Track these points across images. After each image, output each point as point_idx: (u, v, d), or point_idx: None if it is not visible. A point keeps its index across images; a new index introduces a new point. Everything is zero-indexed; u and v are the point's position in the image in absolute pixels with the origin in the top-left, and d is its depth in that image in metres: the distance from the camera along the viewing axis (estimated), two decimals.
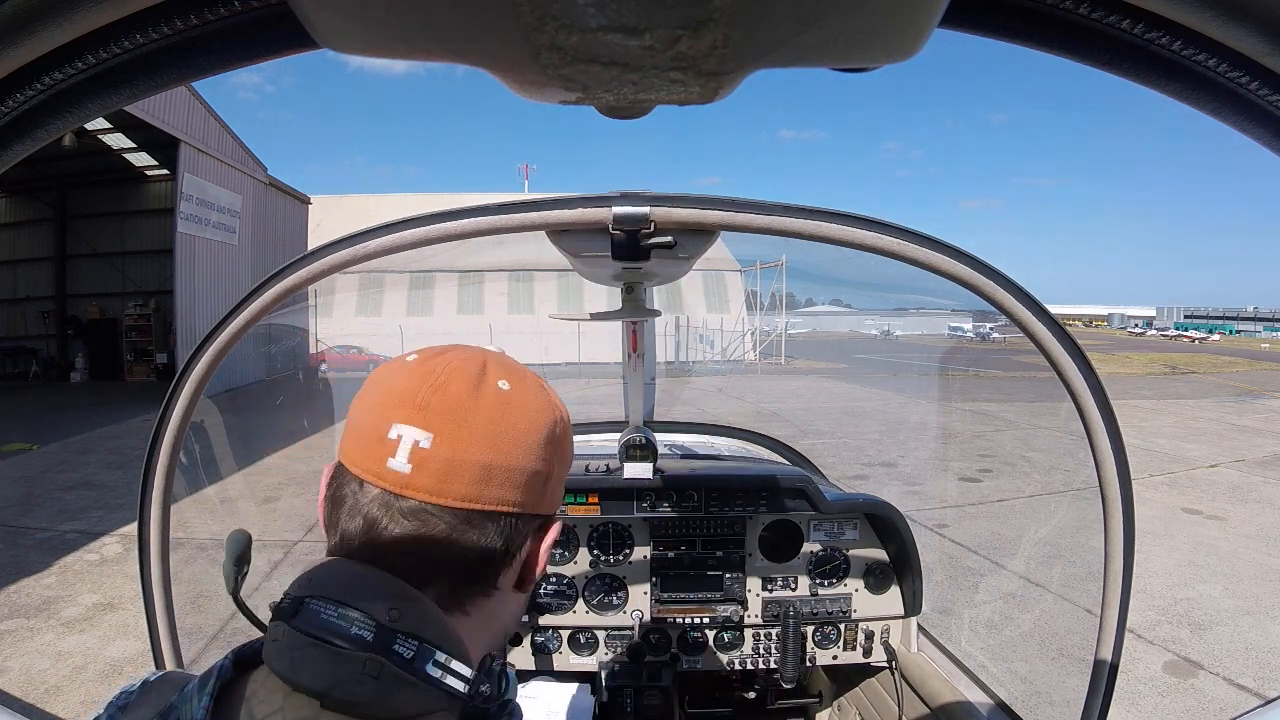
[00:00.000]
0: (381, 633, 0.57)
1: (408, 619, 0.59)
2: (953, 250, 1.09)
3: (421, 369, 0.66)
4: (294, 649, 0.57)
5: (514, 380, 0.68)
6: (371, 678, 0.56)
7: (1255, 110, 0.43)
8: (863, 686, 2.31)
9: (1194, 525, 7.52)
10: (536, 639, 2.12)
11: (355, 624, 0.58)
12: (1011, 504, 8.25)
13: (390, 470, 0.62)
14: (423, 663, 0.58)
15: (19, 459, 10.64)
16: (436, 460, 0.62)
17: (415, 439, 0.62)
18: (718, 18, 0.30)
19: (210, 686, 0.59)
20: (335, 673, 0.56)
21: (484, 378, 0.66)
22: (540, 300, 30.05)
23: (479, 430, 0.63)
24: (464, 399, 0.64)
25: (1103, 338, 68.45)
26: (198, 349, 1.26)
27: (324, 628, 0.57)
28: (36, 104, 0.42)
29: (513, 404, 0.66)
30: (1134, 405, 16.48)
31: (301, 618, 0.58)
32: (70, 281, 23.42)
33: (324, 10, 0.33)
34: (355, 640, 0.57)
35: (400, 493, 0.62)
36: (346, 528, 0.64)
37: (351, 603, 0.58)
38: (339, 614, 0.58)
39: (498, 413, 0.64)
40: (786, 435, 3.33)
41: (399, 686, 0.57)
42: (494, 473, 0.63)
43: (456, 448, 0.62)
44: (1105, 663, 1.27)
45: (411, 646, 0.58)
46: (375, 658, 0.56)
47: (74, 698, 4.14)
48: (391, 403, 0.64)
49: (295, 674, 0.57)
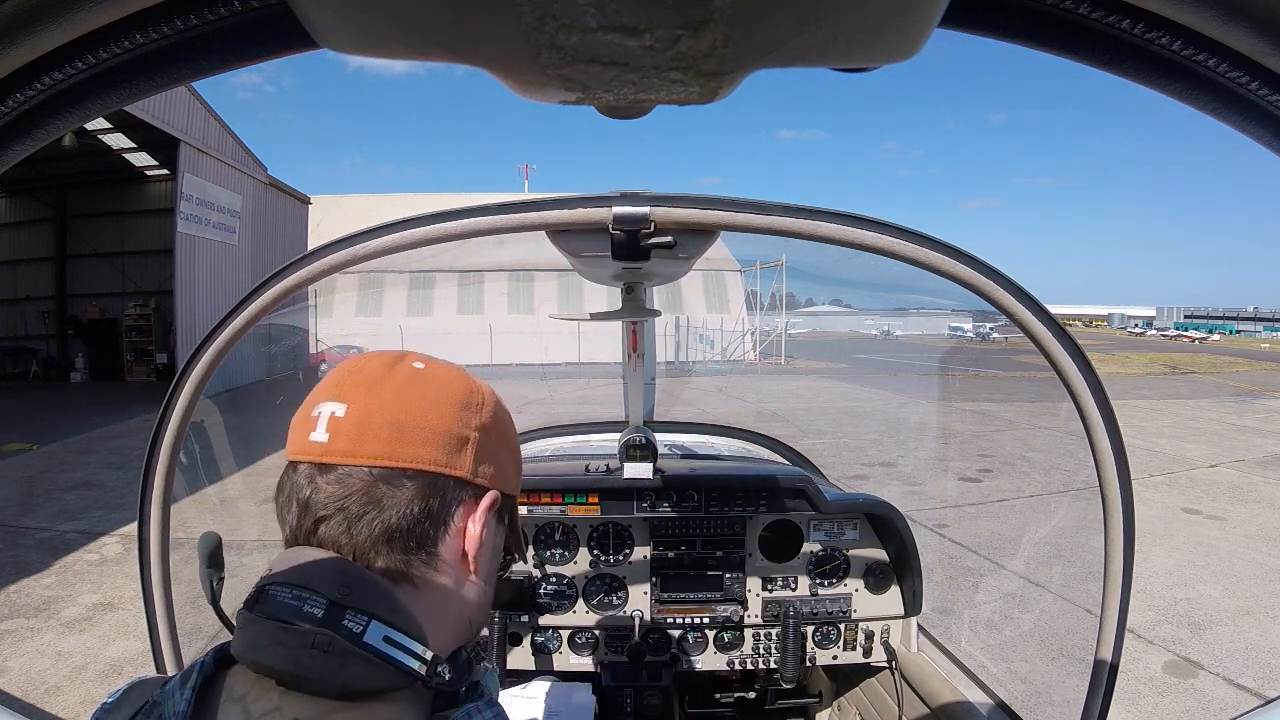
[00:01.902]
0: (332, 609, 0.60)
1: (358, 596, 0.62)
2: (953, 250, 1.09)
3: (347, 363, 0.72)
4: (254, 630, 0.60)
5: (430, 363, 0.73)
6: (321, 651, 0.58)
7: (1255, 110, 0.43)
8: (863, 686, 2.31)
9: (1194, 525, 7.51)
10: (536, 639, 2.12)
11: (308, 602, 0.60)
12: (1011, 504, 8.25)
13: (312, 443, 0.66)
14: (374, 637, 0.60)
15: (19, 459, 10.63)
16: (349, 424, 0.66)
17: (332, 410, 0.67)
18: (718, 18, 0.30)
19: (192, 681, 0.61)
20: (286, 648, 0.58)
21: (400, 360, 0.72)
22: (540, 300, 30.03)
23: (388, 394, 0.67)
24: (377, 374, 0.69)
25: (1103, 338, 68.43)
26: (198, 349, 1.26)
27: (280, 608, 0.60)
28: (37, 104, 0.42)
29: (425, 376, 0.71)
30: (1134, 405, 16.48)
31: (261, 603, 0.61)
32: (70, 281, 23.41)
33: (324, 10, 0.33)
34: (307, 617, 0.59)
35: (321, 461, 0.66)
36: (288, 518, 0.67)
37: (305, 584, 0.61)
38: (294, 594, 0.61)
39: (408, 381, 0.69)
40: (786, 435, 3.33)
41: (349, 660, 0.58)
42: (403, 429, 0.66)
43: (367, 411, 0.66)
44: (1105, 663, 1.27)
45: (361, 621, 0.60)
46: (324, 631, 0.59)
47: (74, 698, 4.14)
48: (318, 393, 0.70)
49: (254, 653, 0.59)
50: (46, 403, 17.05)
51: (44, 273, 23.37)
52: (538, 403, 16.05)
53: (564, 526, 2.11)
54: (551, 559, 2.11)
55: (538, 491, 2.04)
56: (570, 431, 3.10)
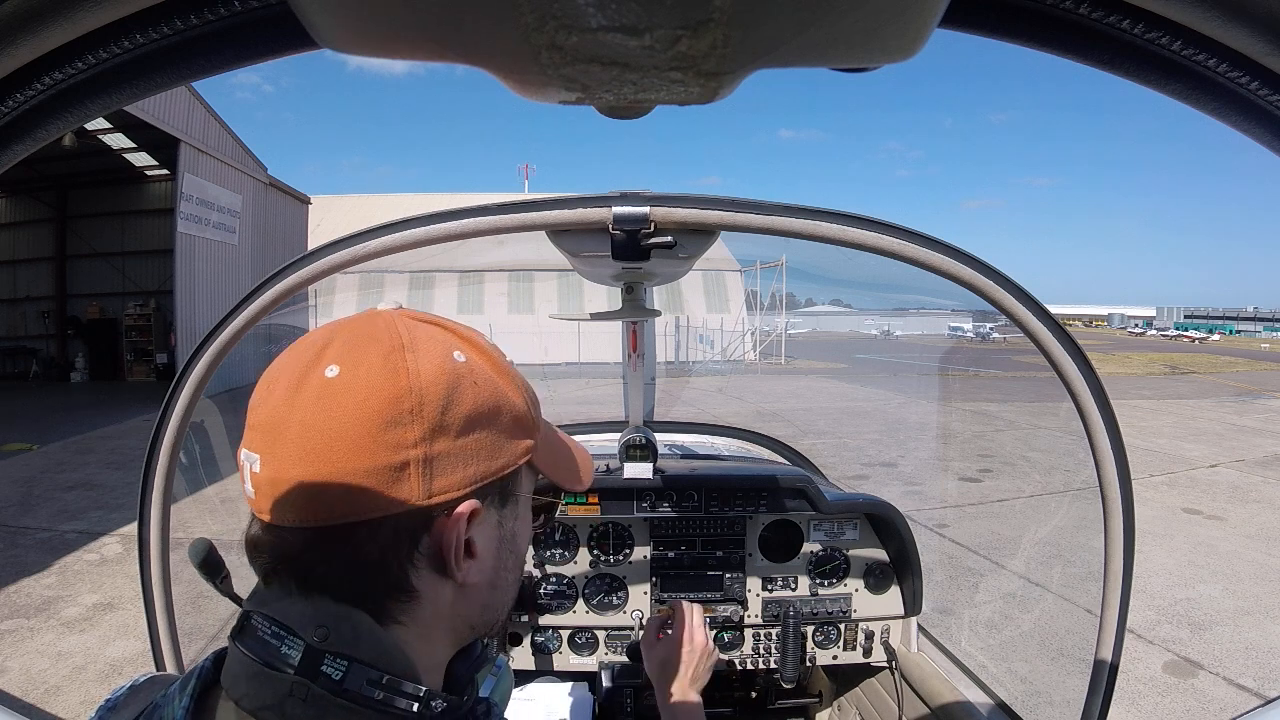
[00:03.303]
0: (309, 654, 0.56)
1: (336, 638, 0.57)
2: (953, 250, 1.10)
3: (267, 371, 0.62)
4: (235, 667, 0.58)
5: (346, 362, 0.58)
6: (299, 700, 0.55)
7: (1255, 110, 0.43)
8: (863, 686, 2.31)
9: (1194, 525, 7.51)
10: (536, 639, 2.12)
11: (285, 642, 0.56)
12: (1011, 504, 8.25)
13: (247, 495, 0.61)
14: (355, 682, 0.56)
15: (19, 459, 10.63)
16: (264, 484, 0.58)
17: (250, 463, 0.59)
18: (718, 18, 0.30)
19: (191, 687, 0.59)
20: (264, 694, 0.55)
21: (312, 368, 0.59)
22: (540, 300, 30.03)
23: (291, 443, 0.57)
24: (281, 404, 0.58)
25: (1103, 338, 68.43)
26: (198, 349, 1.26)
27: (260, 647, 0.57)
28: (37, 104, 0.42)
29: (335, 396, 0.57)
30: (1134, 405, 16.47)
31: (244, 636, 0.59)
32: (70, 281, 23.40)
33: (324, 10, 0.33)
34: (284, 660, 0.56)
35: (259, 516, 0.60)
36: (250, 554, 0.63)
37: (284, 621, 0.58)
38: (273, 632, 0.57)
39: (316, 406, 0.57)
40: (786, 435, 3.33)
41: (329, 710, 0.55)
42: (317, 488, 0.56)
43: (277, 468, 0.57)
44: (1105, 663, 1.27)
45: (340, 666, 0.56)
46: (302, 681, 0.55)
47: (74, 698, 4.14)
48: (248, 417, 0.61)
49: (235, 693, 0.57)
50: (46, 403, 17.05)
51: (44, 273, 23.36)
52: None
53: (564, 526, 2.11)
54: (551, 559, 2.11)
55: None
56: (570, 431, 3.09)
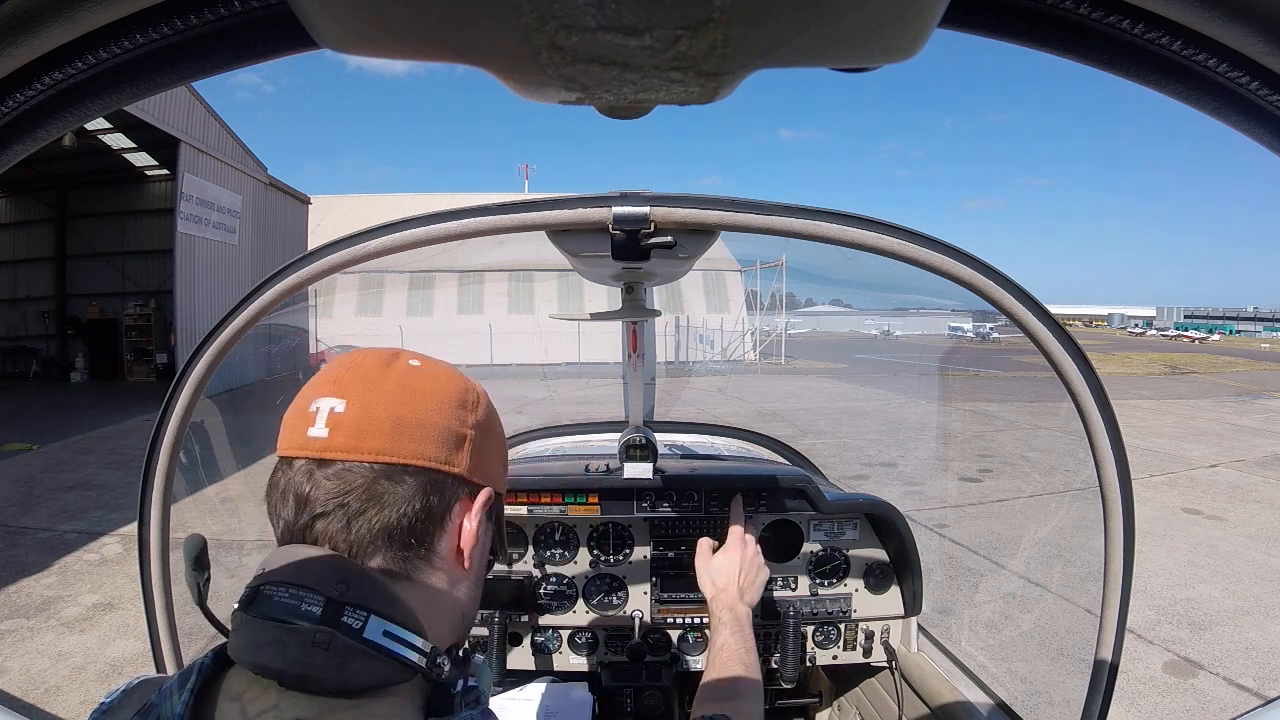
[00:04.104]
0: (330, 606, 0.60)
1: (355, 591, 0.61)
2: (953, 250, 1.09)
3: (341, 360, 0.72)
4: (251, 632, 0.60)
5: (425, 361, 0.74)
6: (322, 649, 0.58)
7: (1255, 110, 0.43)
8: (863, 686, 2.31)
9: (1194, 525, 7.51)
10: (536, 639, 2.12)
11: (305, 601, 0.60)
12: (1011, 504, 8.25)
13: (310, 438, 0.66)
14: (373, 632, 0.60)
15: (19, 459, 10.63)
16: (350, 420, 0.66)
17: (331, 406, 0.66)
18: (718, 18, 0.30)
19: (191, 683, 0.60)
20: (287, 648, 0.58)
21: (396, 357, 0.72)
22: (540, 300, 30.02)
23: (388, 390, 0.68)
24: (375, 371, 0.69)
25: (1103, 338, 68.41)
26: (198, 349, 1.26)
27: (277, 609, 0.60)
28: (36, 104, 0.42)
29: (422, 374, 0.71)
30: (1134, 405, 16.47)
31: (257, 604, 0.61)
32: (70, 281, 23.40)
33: (324, 10, 0.33)
34: (306, 615, 0.59)
35: (320, 456, 0.65)
36: (283, 514, 0.67)
37: (301, 582, 0.61)
38: (290, 594, 0.60)
39: (406, 378, 0.70)
40: (786, 435, 3.33)
41: (351, 657, 0.58)
42: (404, 426, 0.66)
43: (368, 407, 0.66)
44: (1105, 663, 1.27)
45: (360, 616, 0.60)
46: (325, 629, 0.58)
47: (74, 698, 4.14)
48: (314, 387, 0.70)
49: (253, 656, 0.59)
50: (46, 403, 17.05)
51: (44, 273, 23.36)
52: (538, 403, 16.04)
53: (564, 526, 2.11)
54: (551, 559, 2.11)
55: (538, 491, 2.04)
56: (570, 431, 3.10)
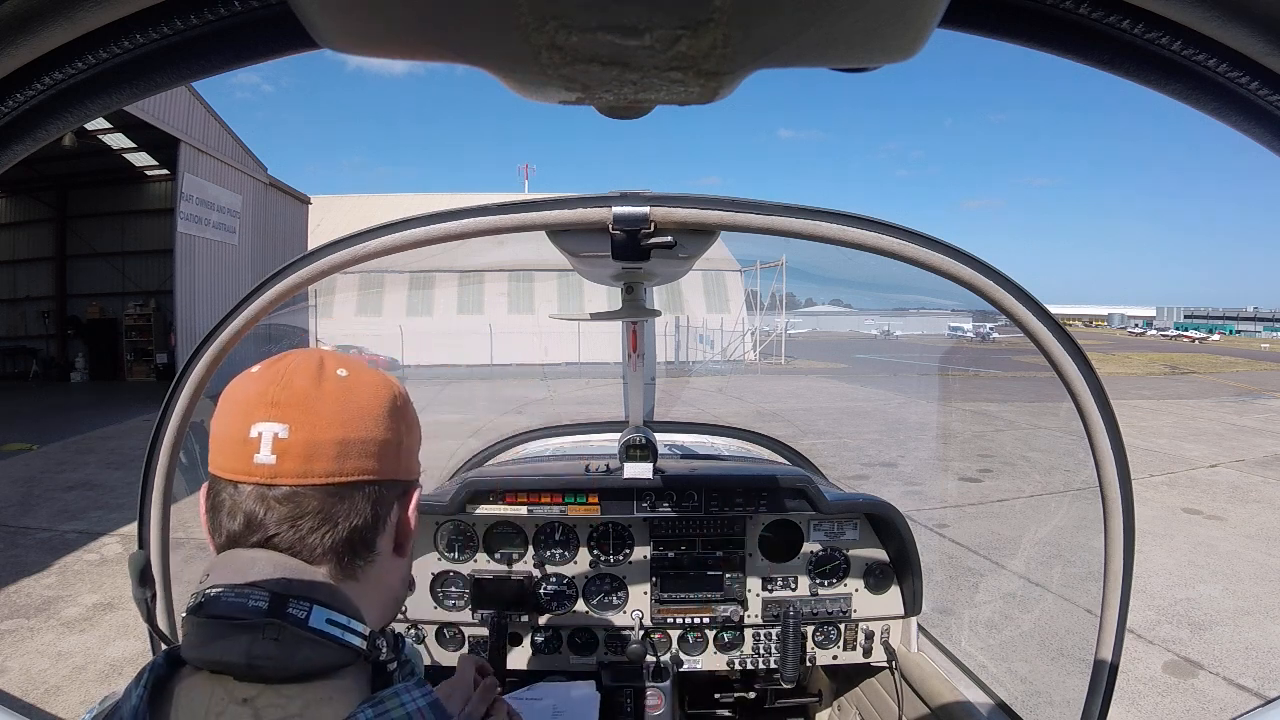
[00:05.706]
0: (276, 600, 0.64)
1: (297, 585, 0.66)
2: (953, 250, 1.10)
3: (266, 374, 0.72)
4: (202, 632, 0.63)
5: (350, 367, 0.75)
6: (272, 640, 0.62)
7: (1255, 110, 0.43)
8: (863, 686, 2.31)
9: (1194, 525, 7.51)
10: (536, 639, 2.12)
11: (251, 598, 0.64)
12: (1011, 504, 8.25)
13: (258, 465, 0.67)
14: (318, 620, 0.65)
15: (19, 459, 10.63)
16: (296, 445, 0.68)
17: (274, 432, 0.68)
18: (718, 18, 0.30)
19: (145, 679, 0.63)
20: (239, 643, 0.61)
21: (323, 369, 0.73)
22: (540, 300, 30.01)
23: (328, 412, 0.69)
24: (309, 389, 0.70)
25: (1103, 338, 68.39)
26: (198, 349, 1.26)
27: (226, 607, 0.63)
28: (36, 104, 0.42)
29: (353, 386, 0.73)
30: (1134, 405, 16.47)
31: (206, 606, 0.64)
32: (70, 281, 23.39)
33: (324, 10, 0.33)
34: (253, 611, 0.63)
35: (271, 482, 0.67)
36: (229, 527, 0.69)
37: (246, 581, 0.64)
38: (236, 593, 0.64)
39: (341, 393, 0.71)
40: (786, 435, 3.33)
41: (299, 644, 0.63)
42: (349, 447, 0.69)
43: (312, 431, 0.68)
44: (1105, 663, 1.27)
45: (304, 607, 0.65)
46: (274, 621, 0.63)
47: (74, 698, 4.14)
48: (247, 408, 0.70)
49: (206, 653, 0.62)
50: (46, 403, 17.04)
51: (44, 273, 23.35)
52: (537, 403, 16.04)
53: (564, 526, 2.11)
54: (551, 559, 2.11)
55: (538, 491, 2.04)
56: (570, 431, 3.10)
